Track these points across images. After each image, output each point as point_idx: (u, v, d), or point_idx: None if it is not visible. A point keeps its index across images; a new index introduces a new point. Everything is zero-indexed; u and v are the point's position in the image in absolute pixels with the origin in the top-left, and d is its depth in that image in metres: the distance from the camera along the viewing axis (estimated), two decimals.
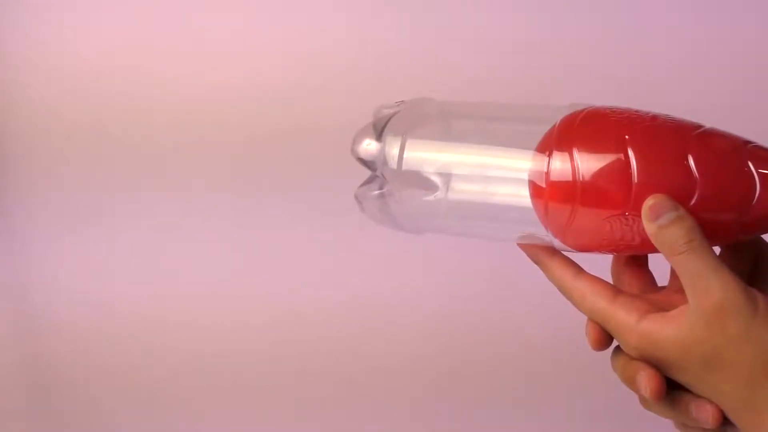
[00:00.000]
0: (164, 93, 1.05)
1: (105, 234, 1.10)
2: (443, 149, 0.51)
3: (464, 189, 0.51)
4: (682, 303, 0.45)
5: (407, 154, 0.51)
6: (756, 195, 0.45)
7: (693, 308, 0.45)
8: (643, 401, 0.49)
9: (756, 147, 0.46)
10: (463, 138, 0.52)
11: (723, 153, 0.46)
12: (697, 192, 0.45)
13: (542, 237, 0.50)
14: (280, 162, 1.04)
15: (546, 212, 0.48)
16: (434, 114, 0.53)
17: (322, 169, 1.02)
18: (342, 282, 1.08)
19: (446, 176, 0.50)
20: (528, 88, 0.97)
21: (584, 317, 0.50)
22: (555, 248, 0.50)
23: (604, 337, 0.48)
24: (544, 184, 0.48)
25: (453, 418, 1.10)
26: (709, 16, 0.97)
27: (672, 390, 0.47)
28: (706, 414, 0.46)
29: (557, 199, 0.47)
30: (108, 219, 1.09)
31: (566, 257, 0.51)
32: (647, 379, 0.46)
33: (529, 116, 0.52)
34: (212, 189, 1.06)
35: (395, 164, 0.51)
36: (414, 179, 0.51)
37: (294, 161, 1.04)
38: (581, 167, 0.47)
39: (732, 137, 0.47)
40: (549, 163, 0.47)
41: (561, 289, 0.50)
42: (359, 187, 0.53)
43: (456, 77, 1.00)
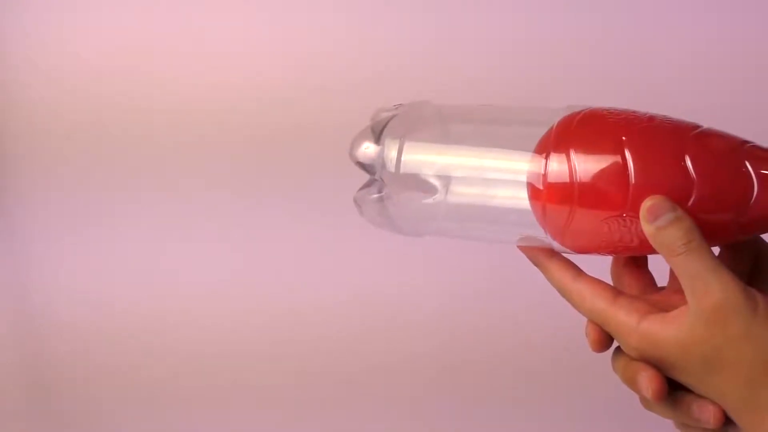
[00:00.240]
0: (164, 93, 1.05)
1: (105, 234, 1.10)
2: (441, 152, 0.51)
3: (462, 192, 0.51)
4: (682, 303, 0.45)
5: (405, 157, 0.51)
6: (754, 195, 0.45)
7: (693, 309, 0.45)
8: (645, 402, 0.49)
9: (753, 147, 0.46)
10: (461, 141, 0.51)
11: (720, 153, 0.46)
12: (695, 192, 0.45)
13: (541, 239, 0.49)
14: (280, 162, 1.04)
15: (544, 214, 0.48)
16: (432, 117, 0.53)
17: (322, 169, 1.02)
18: (342, 282, 1.08)
19: (444, 179, 0.50)
20: (528, 89, 0.97)
21: (584, 317, 0.50)
22: (554, 250, 0.50)
23: (605, 339, 0.48)
24: (542, 186, 0.48)
25: (453, 418, 1.10)
26: (709, 16, 0.97)
27: (673, 390, 0.47)
28: (708, 414, 0.46)
29: (555, 201, 0.47)
30: (108, 219, 1.09)
31: (566, 259, 0.50)
32: (648, 380, 0.46)
33: (527, 118, 0.52)
34: (212, 189, 1.06)
35: (393, 167, 0.51)
36: (412, 182, 0.51)
37: (294, 161, 1.04)
38: (578, 169, 0.47)
39: (730, 137, 0.47)
40: (546, 165, 0.47)
41: (561, 291, 0.50)
42: (358, 191, 0.53)
43: (456, 77, 1.00)
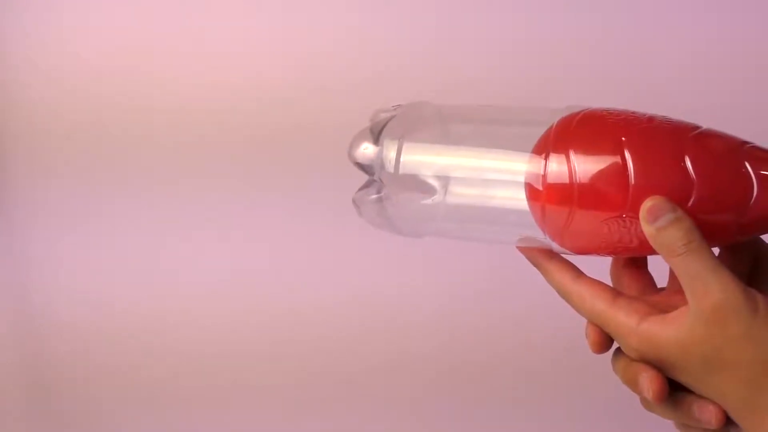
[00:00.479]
0: (164, 93, 1.05)
1: (105, 234, 1.10)
2: (440, 152, 0.51)
3: (462, 192, 0.50)
4: (682, 304, 0.45)
5: (404, 158, 0.50)
6: (753, 196, 0.45)
7: (693, 309, 0.44)
8: (645, 402, 0.49)
9: (753, 148, 0.46)
10: (460, 141, 0.51)
11: (720, 154, 0.46)
12: (695, 193, 0.45)
13: (541, 240, 0.49)
14: (280, 162, 1.04)
15: (543, 215, 0.48)
16: (431, 117, 0.53)
17: (322, 169, 1.02)
18: (342, 282, 1.08)
19: (443, 179, 0.50)
20: (527, 89, 0.97)
21: (584, 318, 0.50)
22: (554, 251, 0.50)
23: (605, 340, 0.48)
24: (541, 187, 0.47)
25: (453, 418, 1.10)
26: (709, 16, 0.97)
27: (674, 391, 0.47)
28: (709, 414, 0.46)
29: (554, 202, 0.47)
30: (108, 219, 1.09)
31: (565, 260, 0.50)
32: (649, 381, 0.46)
33: (526, 119, 0.52)
34: (212, 189, 1.06)
35: (392, 168, 0.51)
36: (411, 183, 0.51)
37: (294, 161, 1.04)
38: (578, 169, 0.46)
39: (729, 138, 0.47)
40: (546, 166, 0.47)
41: (560, 292, 0.50)
42: (357, 192, 0.53)
43: (456, 77, 1.00)
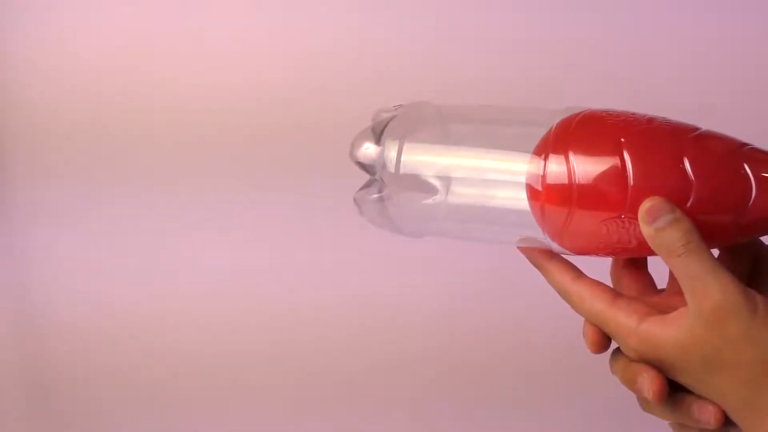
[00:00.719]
0: (164, 93, 1.05)
1: (105, 234, 1.10)
2: (441, 153, 0.51)
3: (463, 192, 0.51)
4: (682, 305, 0.45)
5: (406, 158, 0.51)
6: (752, 197, 0.45)
7: (692, 310, 0.45)
8: (644, 403, 0.49)
9: (752, 149, 0.46)
10: (461, 141, 0.51)
11: (719, 155, 0.46)
12: (694, 194, 0.45)
13: (541, 240, 0.49)
14: (280, 162, 1.04)
15: (543, 215, 0.48)
16: (432, 117, 0.53)
17: (322, 169, 1.02)
18: (342, 282, 1.08)
19: (445, 180, 0.50)
20: (528, 89, 0.97)
21: (583, 318, 0.50)
22: (554, 251, 0.50)
23: (603, 340, 0.48)
24: (541, 187, 0.48)
25: (453, 418, 1.10)
26: (709, 16, 0.97)
27: (673, 392, 0.47)
28: (708, 415, 0.46)
29: (553, 202, 0.47)
30: (108, 219, 1.09)
31: (565, 260, 0.50)
32: (650, 381, 0.46)
33: (527, 119, 0.52)
34: (212, 189, 1.06)
35: (394, 168, 0.51)
36: (413, 183, 0.51)
37: (294, 161, 1.04)
38: (577, 170, 0.47)
39: (728, 139, 0.47)
40: (545, 166, 0.47)
41: (560, 293, 0.50)
42: (358, 191, 0.53)
43: (456, 77, 1.00)
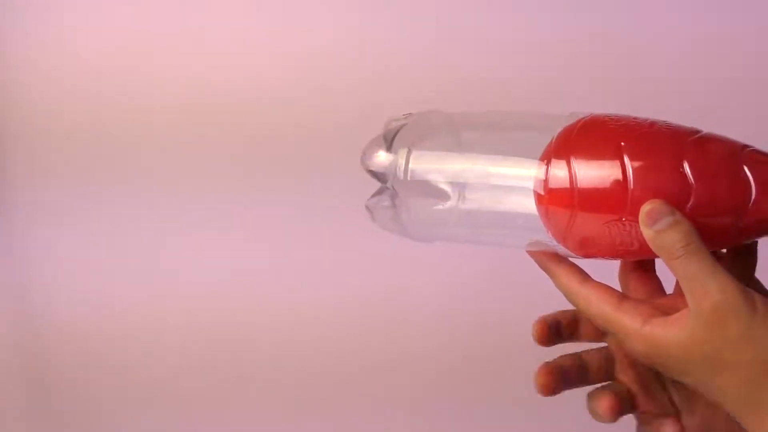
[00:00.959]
0: (164, 93, 1.05)
1: (105, 234, 1.10)
2: (452, 160, 0.52)
3: (473, 198, 0.51)
4: (685, 307, 0.46)
5: (417, 165, 0.51)
6: (752, 199, 0.46)
7: (692, 311, 0.45)
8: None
9: (753, 151, 0.47)
10: (471, 148, 0.52)
11: (718, 158, 0.46)
12: (693, 197, 0.46)
13: (548, 244, 0.50)
14: (280, 162, 1.04)
15: (548, 219, 0.49)
16: (442, 125, 0.53)
17: (322, 169, 1.02)
18: (342, 282, 1.08)
19: (456, 186, 0.51)
20: (528, 89, 0.97)
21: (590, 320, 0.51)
22: (562, 255, 0.51)
23: (550, 335, 0.52)
24: (544, 192, 0.48)
25: (453, 418, 1.10)
26: (709, 16, 0.97)
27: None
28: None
29: (556, 206, 0.48)
30: (108, 219, 1.09)
31: (573, 264, 0.51)
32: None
33: (534, 125, 0.53)
34: (212, 189, 1.06)
35: (405, 175, 0.51)
36: (424, 189, 0.51)
37: (294, 161, 1.04)
38: (578, 174, 0.47)
39: (729, 142, 0.47)
40: (548, 171, 0.48)
41: (567, 295, 0.51)
42: (370, 199, 0.54)
43: (456, 77, 1.00)
